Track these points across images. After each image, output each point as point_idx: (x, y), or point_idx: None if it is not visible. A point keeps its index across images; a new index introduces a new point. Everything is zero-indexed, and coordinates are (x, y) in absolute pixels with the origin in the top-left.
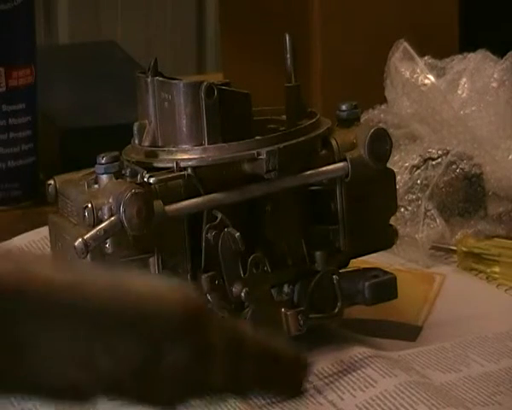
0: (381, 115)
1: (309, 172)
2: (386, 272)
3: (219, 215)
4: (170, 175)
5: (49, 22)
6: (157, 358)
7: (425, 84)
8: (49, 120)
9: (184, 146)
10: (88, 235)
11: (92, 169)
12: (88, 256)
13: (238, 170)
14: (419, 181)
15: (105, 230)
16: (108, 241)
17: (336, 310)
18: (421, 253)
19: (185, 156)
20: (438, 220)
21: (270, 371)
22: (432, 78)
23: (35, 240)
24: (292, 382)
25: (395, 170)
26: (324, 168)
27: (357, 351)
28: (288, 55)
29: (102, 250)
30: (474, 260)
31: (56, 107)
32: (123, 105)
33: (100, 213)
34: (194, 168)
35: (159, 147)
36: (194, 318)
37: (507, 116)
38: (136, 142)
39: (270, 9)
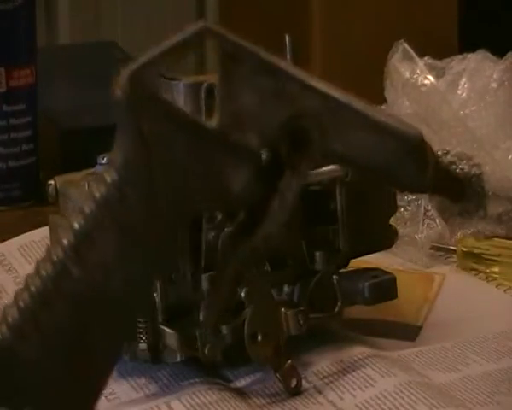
0: None
1: (309, 172)
2: (385, 272)
3: (219, 215)
4: None
5: (50, 22)
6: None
7: (425, 85)
8: (49, 121)
9: None
10: None
11: (93, 169)
12: None
13: None
14: None
15: None
16: None
17: (336, 310)
18: (420, 253)
19: None
20: (437, 220)
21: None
22: (431, 78)
23: (35, 240)
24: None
25: None
26: (324, 168)
27: (357, 351)
28: (288, 56)
29: None
30: (474, 260)
31: (57, 107)
32: None
33: None
34: None
35: None
36: (424, 142)
37: (506, 116)
38: None
39: (270, 9)
